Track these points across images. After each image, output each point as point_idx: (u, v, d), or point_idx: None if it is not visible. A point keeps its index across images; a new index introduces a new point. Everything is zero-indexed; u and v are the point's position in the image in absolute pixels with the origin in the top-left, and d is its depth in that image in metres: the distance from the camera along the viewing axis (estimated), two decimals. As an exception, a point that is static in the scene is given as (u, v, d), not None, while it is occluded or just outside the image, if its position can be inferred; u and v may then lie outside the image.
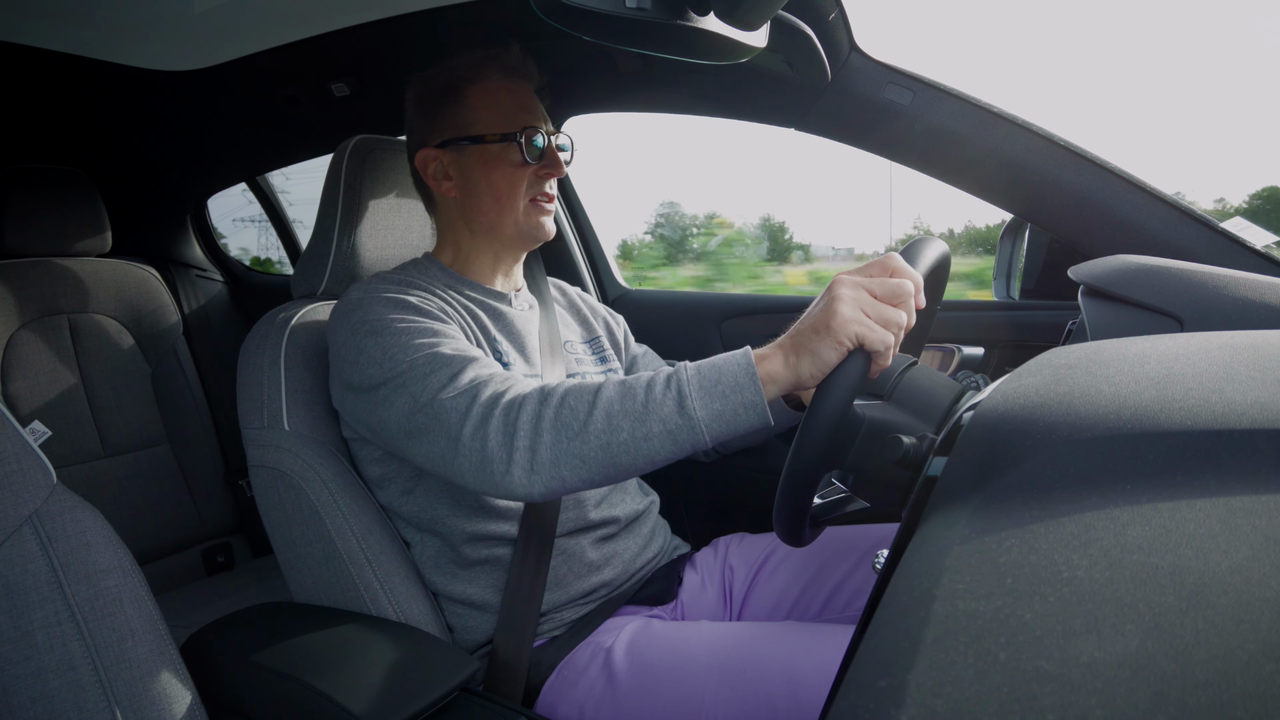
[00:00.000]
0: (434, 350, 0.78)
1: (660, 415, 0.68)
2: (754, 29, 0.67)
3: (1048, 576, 0.28)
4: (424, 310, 0.85)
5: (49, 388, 1.53)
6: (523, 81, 0.96)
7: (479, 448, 0.72)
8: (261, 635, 0.82)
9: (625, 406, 0.69)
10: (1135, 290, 0.73)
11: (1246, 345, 0.43)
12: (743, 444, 1.20)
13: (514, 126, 0.93)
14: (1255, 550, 0.27)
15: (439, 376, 0.76)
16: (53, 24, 1.15)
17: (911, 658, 0.27)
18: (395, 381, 0.78)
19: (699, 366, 0.70)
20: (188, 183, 1.95)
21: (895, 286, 0.67)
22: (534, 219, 0.96)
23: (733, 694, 0.75)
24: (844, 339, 0.65)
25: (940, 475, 0.40)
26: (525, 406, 0.72)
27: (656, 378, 0.71)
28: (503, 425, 0.71)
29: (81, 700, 0.60)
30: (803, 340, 0.67)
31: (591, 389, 0.71)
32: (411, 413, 0.77)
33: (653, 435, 0.68)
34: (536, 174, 0.95)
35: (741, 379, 0.68)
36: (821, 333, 0.65)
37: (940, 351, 1.20)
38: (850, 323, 0.64)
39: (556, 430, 0.70)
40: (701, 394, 0.68)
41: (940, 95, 1.02)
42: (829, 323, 0.65)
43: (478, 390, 0.74)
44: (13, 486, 0.62)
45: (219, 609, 1.40)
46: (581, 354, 1.08)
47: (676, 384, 0.69)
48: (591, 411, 0.69)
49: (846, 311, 0.65)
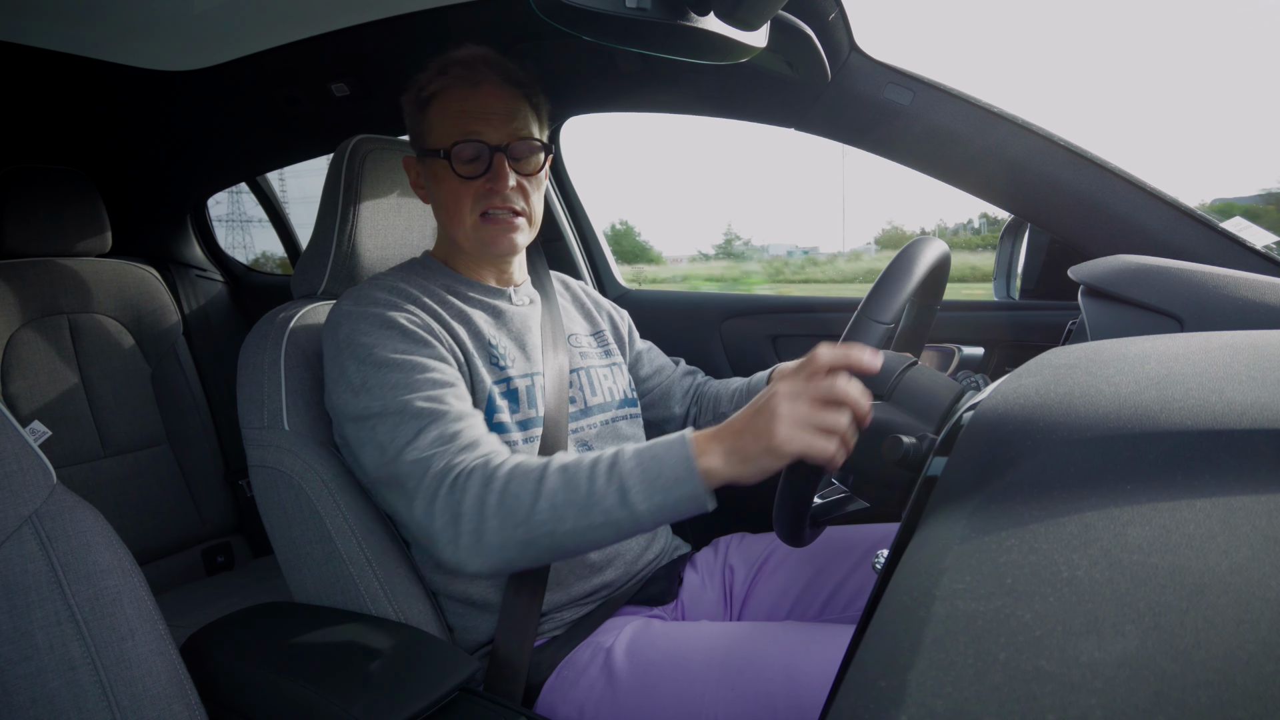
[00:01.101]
0: (405, 398, 0.79)
1: (603, 507, 0.70)
2: (754, 29, 0.67)
3: (1048, 576, 0.28)
4: (409, 333, 0.85)
5: (49, 388, 1.53)
6: (486, 83, 0.90)
7: (428, 524, 0.75)
8: (261, 635, 0.82)
9: (569, 497, 0.71)
10: (1135, 290, 0.73)
11: (1246, 345, 0.43)
12: None
13: (449, 140, 0.90)
14: (1255, 550, 0.27)
15: (404, 432, 0.78)
16: (54, 24, 1.15)
17: (911, 658, 0.27)
18: (367, 424, 0.81)
19: (640, 456, 0.71)
20: (188, 183, 1.95)
21: (829, 390, 0.67)
22: (484, 234, 0.92)
23: (733, 694, 0.75)
24: (784, 455, 0.66)
25: (940, 475, 0.40)
26: (470, 489, 0.73)
27: (599, 465, 0.72)
28: (448, 505, 0.74)
29: (81, 700, 0.60)
30: (744, 446, 0.68)
31: (536, 474, 0.73)
32: (379, 465, 0.80)
33: (595, 526, 0.70)
34: (484, 186, 0.90)
35: (682, 473, 0.69)
36: (761, 446, 0.67)
37: (940, 351, 1.20)
38: (788, 441, 0.66)
39: (501, 517, 0.72)
40: (643, 487, 0.69)
41: (940, 95, 1.02)
42: (768, 443, 0.66)
43: (430, 461, 0.76)
44: (13, 486, 0.62)
45: (219, 609, 1.40)
46: (586, 347, 1.08)
47: (619, 477, 0.70)
48: (536, 501, 0.71)
49: (784, 431, 0.66)
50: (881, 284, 0.72)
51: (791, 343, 1.41)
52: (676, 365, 1.25)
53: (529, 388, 0.93)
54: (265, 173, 2.06)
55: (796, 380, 0.69)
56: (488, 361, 0.92)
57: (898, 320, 0.84)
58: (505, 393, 0.91)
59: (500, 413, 0.89)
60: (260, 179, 2.08)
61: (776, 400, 0.68)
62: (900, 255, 0.75)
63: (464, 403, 0.83)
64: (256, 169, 1.99)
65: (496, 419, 0.89)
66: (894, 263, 0.74)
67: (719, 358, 1.46)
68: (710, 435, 0.71)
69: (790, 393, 0.68)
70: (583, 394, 1.01)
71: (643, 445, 0.73)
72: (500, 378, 0.91)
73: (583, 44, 1.16)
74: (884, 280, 0.72)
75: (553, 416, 0.93)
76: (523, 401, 0.92)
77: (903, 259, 0.74)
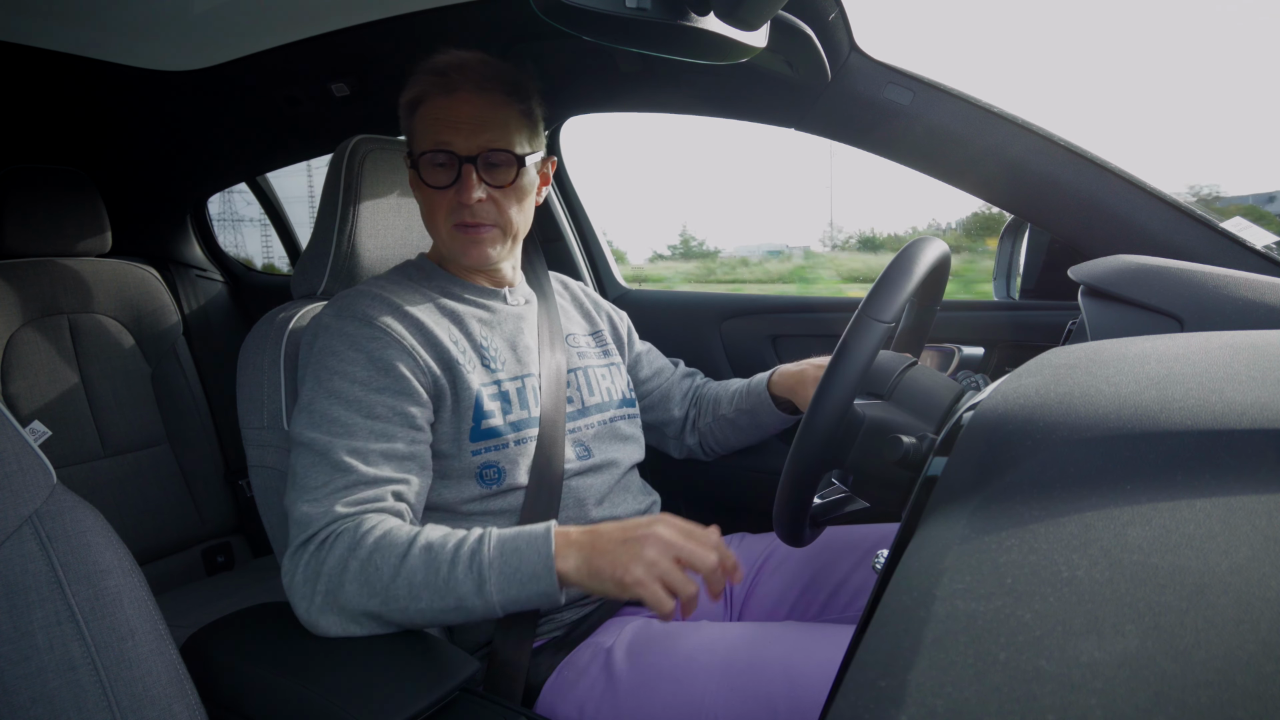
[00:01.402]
0: (331, 441, 0.80)
1: (458, 593, 0.73)
2: (754, 29, 0.67)
3: (1048, 576, 0.28)
4: (377, 360, 0.84)
5: (49, 388, 1.53)
6: (461, 90, 0.88)
7: (290, 575, 0.77)
8: (261, 636, 0.82)
9: (428, 578, 0.73)
10: (1135, 290, 0.73)
11: (1246, 345, 0.43)
12: (742, 444, 1.20)
13: (420, 149, 0.90)
14: (1255, 550, 0.27)
15: (315, 475, 0.79)
16: (53, 24, 1.15)
17: (911, 658, 0.27)
18: (294, 449, 0.82)
19: (502, 546, 0.74)
20: (188, 183, 1.95)
21: (698, 557, 0.72)
22: (456, 245, 0.92)
23: (733, 694, 0.75)
24: (628, 592, 0.71)
25: (940, 475, 0.40)
26: (335, 550, 0.75)
27: (463, 550, 0.74)
28: (311, 562, 0.76)
29: (81, 700, 0.60)
30: (599, 566, 0.72)
31: (400, 548, 0.75)
32: (286, 494, 0.81)
33: (449, 609, 0.74)
34: (454, 199, 0.89)
35: (540, 570, 0.73)
36: (613, 574, 0.71)
37: (940, 351, 1.20)
38: (637, 583, 0.70)
39: (359, 584, 0.74)
40: (500, 580, 0.73)
41: (940, 95, 1.02)
42: (620, 575, 0.71)
43: (314, 519, 0.77)
44: (13, 486, 0.62)
45: (219, 609, 1.39)
46: (584, 347, 1.08)
47: (479, 566, 0.73)
48: (395, 576, 0.74)
49: (638, 571, 0.70)
50: (882, 284, 0.72)
51: (791, 343, 1.41)
52: (676, 367, 1.25)
53: (519, 390, 0.93)
54: (265, 173, 2.06)
55: (675, 531, 0.73)
56: (478, 363, 0.92)
57: (898, 320, 0.84)
58: (495, 395, 0.91)
59: (493, 416, 0.89)
60: (260, 179, 2.09)
61: (646, 541, 0.72)
62: (900, 255, 0.75)
63: (391, 463, 0.82)
64: (256, 169, 1.99)
65: (489, 423, 0.89)
66: (894, 262, 0.74)
67: (719, 358, 1.46)
68: (573, 538, 0.74)
69: (664, 540, 0.72)
70: (580, 394, 1.01)
71: (507, 534, 0.75)
72: (490, 380, 0.91)
73: (583, 44, 1.16)
74: (884, 280, 0.72)
75: (549, 416, 0.93)
76: (514, 403, 0.92)
77: (903, 259, 0.74)
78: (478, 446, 0.88)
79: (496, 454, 0.89)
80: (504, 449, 0.89)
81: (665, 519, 0.75)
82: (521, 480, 0.90)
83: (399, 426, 0.83)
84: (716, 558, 0.73)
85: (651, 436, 1.19)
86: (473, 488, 0.88)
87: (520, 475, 0.90)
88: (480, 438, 0.88)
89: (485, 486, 0.89)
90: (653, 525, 0.73)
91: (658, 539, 0.72)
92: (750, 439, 1.19)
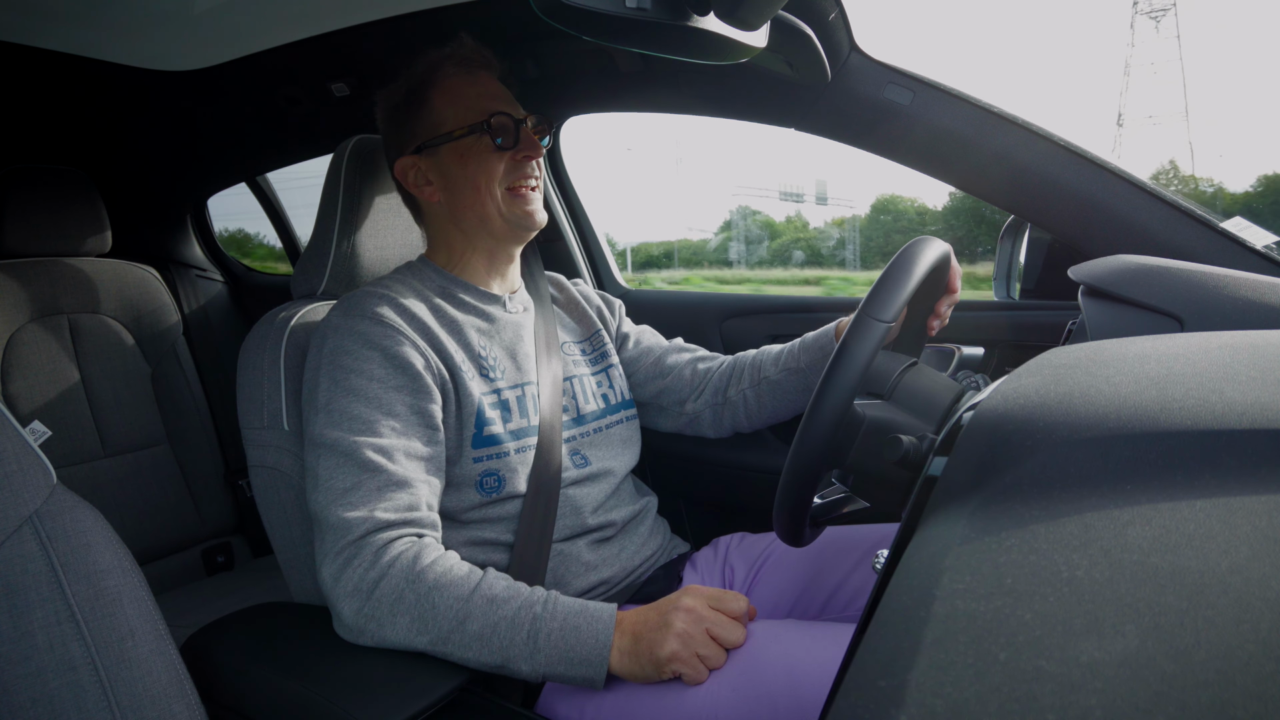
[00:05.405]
0: (357, 440, 0.80)
1: (508, 654, 0.74)
2: (754, 29, 0.66)
3: (1048, 576, 0.28)
4: (393, 356, 0.84)
5: (49, 388, 1.52)
6: (482, 71, 0.96)
7: (332, 586, 0.76)
8: (261, 636, 0.82)
9: (482, 632, 0.74)
10: (1135, 290, 0.73)
11: (1246, 345, 0.43)
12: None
13: (480, 116, 0.92)
14: (1255, 550, 0.27)
15: (343, 478, 0.79)
16: (53, 24, 1.15)
17: (911, 658, 0.27)
18: (315, 450, 0.82)
19: (564, 625, 0.75)
20: (188, 183, 1.95)
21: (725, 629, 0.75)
22: (517, 207, 0.95)
23: (733, 694, 0.75)
24: (665, 673, 0.74)
25: (940, 475, 0.40)
26: (392, 575, 0.75)
27: (522, 616, 0.75)
28: (363, 581, 0.75)
29: (81, 700, 0.60)
30: (639, 651, 0.74)
31: (462, 594, 0.75)
32: (311, 497, 0.81)
33: (493, 665, 0.75)
34: (513, 159, 0.93)
35: (592, 658, 0.74)
36: (650, 658, 0.73)
37: (940, 351, 1.20)
38: (674, 658, 0.73)
39: (413, 617, 0.75)
40: (551, 654, 0.74)
41: (940, 95, 1.02)
42: (656, 655, 0.73)
43: (353, 526, 0.77)
44: (13, 486, 0.62)
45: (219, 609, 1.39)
46: (576, 354, 1.08)
47: (535, 637, 0.74)
48: (453, 623, 0.74)
49: (673, 646, 0.73)
50: (882, 283, 0.71)
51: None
52: (681, 353, 1.18)
53: (519, 398, 0.94)
54: (265, 173, 2.06)
55: (702, 602, 0.76)
56: (477, 373, 0.92)
57: (898, 319, 0.84)
58: (496, 404, 0.91)
59: (493, 424, 0.89)
60: (260, 179, 2.08)
61: (676, 613, 0.74)
62: (900, 255, 0.75)
63: (414, 463, 0.82)
64: (256, 169, 1.99)
65: (489, 430, 0.89)
66: (894, 262, 0.74)
67: (719, 358, 1.46)
68: (624, 626, 0.76)
69: (694, 612, 0.75)
70: (575, 403, 1.01)
71: (571, 609, 0.76)
72: (490, 389, 0.92)
73: (583, 44, 1.16)
74: (885, 279, 0.72)
75: (548, 424, 0.94)
76: (514, 411, 0.92)
77: (903, 258, 0.74)
78: (479, 454, 0.88)
79: (497, 462, 0.89)
80: (504, 457, 0.89)
81: (692, 590, 0.78)
82: (520, 488, 0.90)
83: (417, 426, 0.84)
84: (744, 633, 0.76)
85: (647, 415, 1.17)
86: (472, 495, 0.89)
87: (519, 483, 0.90)
88: (482, 444, 0.88)
89: (484, 495, 0.89)
90: (680, 598, 0.76)
91: (687, 610, 0.75)
92: (785, 409, 1.12)
